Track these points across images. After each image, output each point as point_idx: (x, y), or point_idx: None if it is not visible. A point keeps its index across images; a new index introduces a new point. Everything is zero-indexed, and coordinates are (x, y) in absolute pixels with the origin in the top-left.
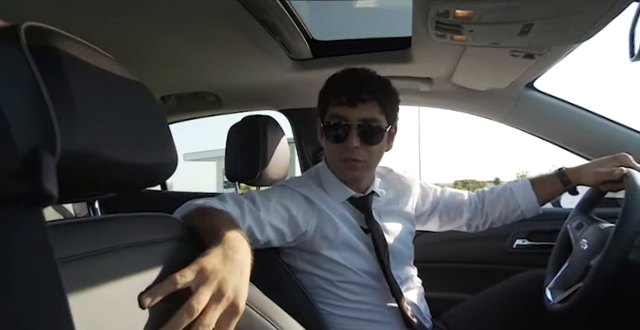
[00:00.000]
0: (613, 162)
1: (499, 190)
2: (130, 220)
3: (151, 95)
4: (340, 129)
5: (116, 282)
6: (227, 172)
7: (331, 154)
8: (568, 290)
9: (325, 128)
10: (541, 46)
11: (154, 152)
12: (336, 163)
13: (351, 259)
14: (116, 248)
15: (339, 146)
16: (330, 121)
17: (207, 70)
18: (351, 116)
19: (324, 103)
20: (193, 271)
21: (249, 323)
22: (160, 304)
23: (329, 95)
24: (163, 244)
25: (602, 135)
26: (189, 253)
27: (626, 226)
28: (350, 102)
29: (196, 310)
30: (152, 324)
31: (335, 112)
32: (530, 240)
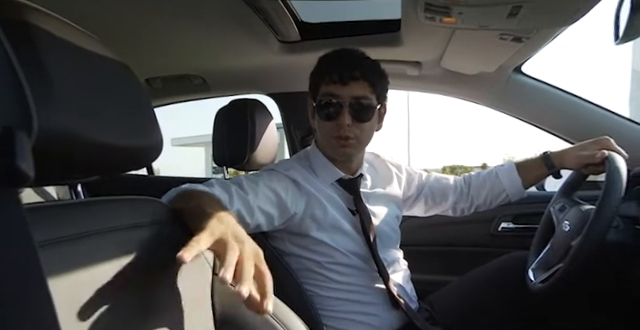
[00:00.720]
0: (595, 146)
1: (485, 174)
2: (114, 203)
3: (134, 76)
4: (332, 107)
5: (100, 265)
6: (215, 156)
7: (323, 133)
8: (549, 270)
9: (317, 107)
10: (529, 29)
11: (138, 134)
12: (328, 141)
13: (339, 240)
14: (100, 231)
15: (331, 124)
16: (322, 99)
17: (193, 52)
18: (343, 94)
19: (316, 83)
20: (207, 234)
21: (237, 306)
22: (141, 289)
23: (321, 74)
24: (148, 227)
25: (585, 119)
26: (174, 237)
27: (605, 208)
28: (342, 80)
29: (237, 249)
30: (135, 307)
31: (327, 90)
32: (515, 223)
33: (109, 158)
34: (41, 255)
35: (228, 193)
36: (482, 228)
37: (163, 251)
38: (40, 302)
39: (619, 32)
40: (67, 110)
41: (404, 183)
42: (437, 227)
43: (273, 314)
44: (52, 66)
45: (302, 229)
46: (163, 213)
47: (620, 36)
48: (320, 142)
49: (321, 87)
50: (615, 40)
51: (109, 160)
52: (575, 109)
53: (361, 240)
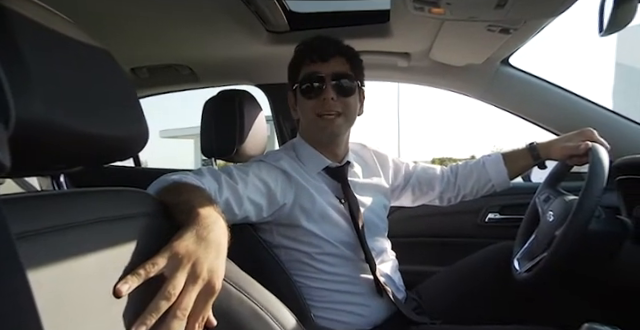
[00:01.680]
0: (579, 137)
1: (472, 164)
2: (99, 194)
3: (117, 63)
4: (315, 83)
5: (84, 257)
6: (203, 148)
7: (308, 114)
8: (534, 260)
9: (300, 87)
10: (517, 20)
11: (122, 124)
12: (314, 122)
13: (328, 230)
14: (84, 223)
15: (315, 102)
16: (304, 79)
17: (180, 42)
18: (324, 70)
19: (295, 69)
20: (165, 257)
21: (226, 298)
22: None
23: (299, 59)
24: (134, 219)
25: (571, 111)
26: (161, 229)
27: (588, 198)
28: (322, 58)
29: (173, 295)
30: (121, 300)
31: (308, 70)
32: (502, 214)
33: (92, 148)
34: (22, 246)
35: (218, 182)
36: (470, 219)
37: (150, 243)
38: (18, 294)
39: (603, 24)
40: (46, 98)
41: (391, 173)
42: (425, 218)
43: (262, 305)
44: (29, 53)
45: (291, 220)
46: (150, 205)
47: (604, 28)
48: (305, 128)
49: (301, 70)
50: (600, 32)
51: (92, 150)
52: (561, 101)
53: (349, 229)
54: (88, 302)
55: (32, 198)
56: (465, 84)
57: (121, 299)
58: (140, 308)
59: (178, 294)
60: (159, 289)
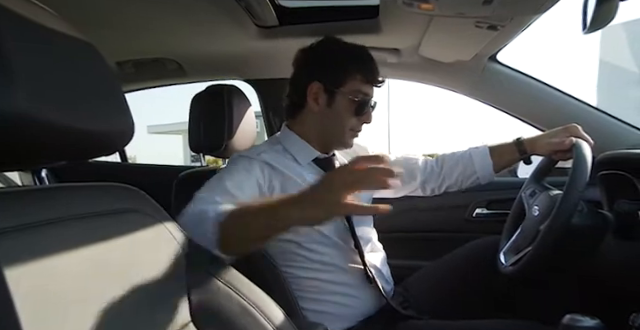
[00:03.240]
0: (564, 133)
1: (459, 155)
2: (82, 190)
3: (100, 56)
4: (365, 105)
5: (67, 254)
6: (191, 143)
7: (345, 126)
8: (519, 254)
9: (351, 101)
10: (503, 17)
11: (106, 119)
12: (345, 134)
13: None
14: (67, 218)
15: (358, 120)
16: (357, 96)
17: (167, 35)
18: (371, 94)
19: (346, 73)
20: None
21: (214, 294)
22: (112, 278)
23: (356, 68)
24: (119, 215)
25: (556, 107)
26: (147, 225)
27: (571, 193)
28: (374, 82)
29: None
30: (105, 297)
31: (360, 88)
32: (489, 209)
33: (75, 143)
34: (1, 244)
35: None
36: (457, 214)
37: (136, 240)
38: None
39: (587, 22)
40: (28, 92)
41: None
42: (413, 213)
43: (250, 301)
44: (11, 45)
45: None
46: (136, 201)
47: (588, 25)
48: (320, 129)
49: (350, 81)
50: (583, 29)
51: (75, 145)
52: (546, 98)
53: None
54: (69, 299)
55: (13, 193)
56: (453, 80)
57: (103, 297)
58: (121, 306)
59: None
60: (141, 289)
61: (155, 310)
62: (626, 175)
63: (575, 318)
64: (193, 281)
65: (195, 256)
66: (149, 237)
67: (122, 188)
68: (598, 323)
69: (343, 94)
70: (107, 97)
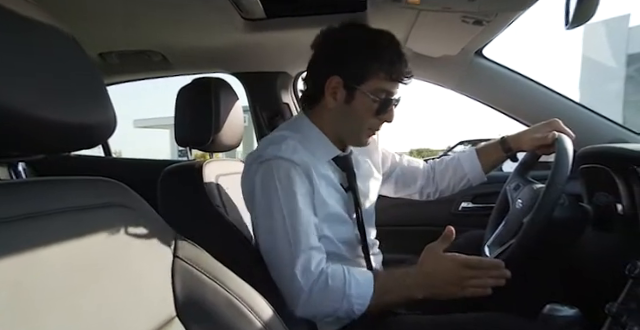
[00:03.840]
0: (546, 127)
1: (448, 160)
2: (63, 183)
3: (79, 47)
4: (388, 104)
5: (47, 248)
6: (177, 137)
7: (364, 124)
8: (503, 246)
9: (372, 99)
10: (489, 12)
11: (86, 111)
12: (363, 131)
13: (336, 229)
14: (47, 213)
15: (376, 118)
16: (379, 95)
17: (151, 26)
18: (395, 93)
19: (369, 70)
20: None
21: (200, 288)
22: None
23: (380, 64)
24: (102, 209)
25: (540, 102)
26: (131, 220)
27: (553, 186)
28: (398, 80)
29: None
30: (88, 292)
31: (387, 87)
32: (474, 202)
33: (53, 135)
34: None
35: (316, 247)
36: (444, 208)
37: (120, 234)
38: None
39: (569, 18)
40: (3, 83)
41: (380, 162)
42: (401, 208)
43: (237, 295)
44: None
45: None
46: (121, 195)
47: (570, 21)
48: (338, 125)
49: (373, 79)
50: (566, 25)
51: (53, 138)
52: (531, 93)
53: (352, 224)
54: (51, 293)
55: None
56: (441, 75)
57: (84, 292)
58: (104, 302)
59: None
60: (125, 284)
61: (139, 305)
62: (605, 169)
63: (555, 308)
64: (179, 276)
65: (180, 251)
66: (133, 232)
67: (104, 182)
68: (576, 312)
69: (364, 92)
70: (87, 88)
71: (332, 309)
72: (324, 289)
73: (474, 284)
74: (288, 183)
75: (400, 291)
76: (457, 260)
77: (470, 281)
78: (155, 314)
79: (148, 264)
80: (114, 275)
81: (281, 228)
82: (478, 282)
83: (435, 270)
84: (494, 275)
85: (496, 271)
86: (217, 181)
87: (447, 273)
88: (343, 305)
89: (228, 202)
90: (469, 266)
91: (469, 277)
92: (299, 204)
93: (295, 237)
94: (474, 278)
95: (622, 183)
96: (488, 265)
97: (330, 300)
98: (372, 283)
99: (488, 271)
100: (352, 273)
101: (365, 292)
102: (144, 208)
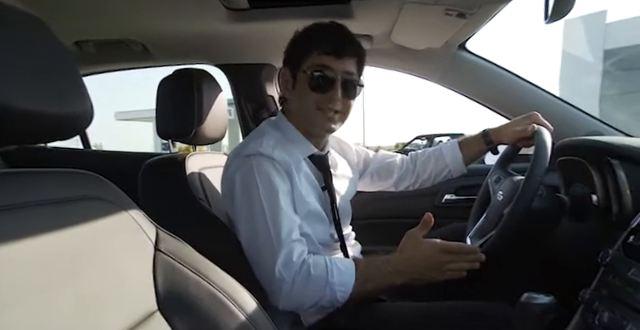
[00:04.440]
0: (526, 120)
1: (430, 151)
2: (39, 176)
3: (51, 33)
4: (325, 79)
5: (23, 242)
6: (158, 129)
7: (309, 104)
8: (484, 237)
9: (309, 77)
10: (472, 5)
11: (59, 99)
12: (314, 113)
13: (316, 228)
14: (23, 205)
15: (321, 96)
16: (315, 70)
17: (130, 15)
18: (336, 67)
19: (303, 51)
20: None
21: (183, 282)
22: (74, 267)
23: (311, 44)
24: (79, 202)
25: (521, 96)
26: (109, 213)
27: (532, 178)
28: (337, 53)
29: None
30: (67, 286)
31: (320, 61)
32: (457, 195)
33: (23, 125)
34: None
35: (299, 242)
36: (427, 200)
37: (97, 228)
38: None
39: (548, 12)
40: None
41: (355, 160)
42: (386, 201)
43: (220, 288)
44: None
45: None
46: (98, 187)
47: (549, 16)
48: (297, 115)
49: (311, 57)
50: (545, 19)
51: (23, 127)
52: (512, 86)
53: (329, 223)
54: (25, 288)
55: None
56: (425, 68)
57: (63, 286)
58: (81, 297)
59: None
60: (103, 278)
61: (119, 299)
62: (581, 161)
63: (531, 296)
64: (160, 269)
65: (162, 244)
66: (111, 225)
67: (81, 174)
68: (551, 299)
69: (303, 71)
70: (61, 77)
71: (316, 298)
72: (307, 278)
73: (451, 268)
74: (268, 179)
75: (381, 278)
76: (436, 246)
77: (448, 265)
78: (136, 308)
79: (128, 258)
80: (93, 269)
81: (262, 223)
82: (455, 266)
83: (415, 256)
84: (470, 259)
85: (472, 255)
86: (200, 174)
87: (427, 259)
88: (326, 293)
89: (212, 195)
90: (447, 251)
91: (447, 262)
92: (280, 199)
93: (276, 231)
94: (452, 262)
95: (597, 174)
96: (465, 250)
97: (313, 289)
98: (354, 271)
99: (465, 256)
100: (334, 262)
101: (347, 280)
102: (123, 201)
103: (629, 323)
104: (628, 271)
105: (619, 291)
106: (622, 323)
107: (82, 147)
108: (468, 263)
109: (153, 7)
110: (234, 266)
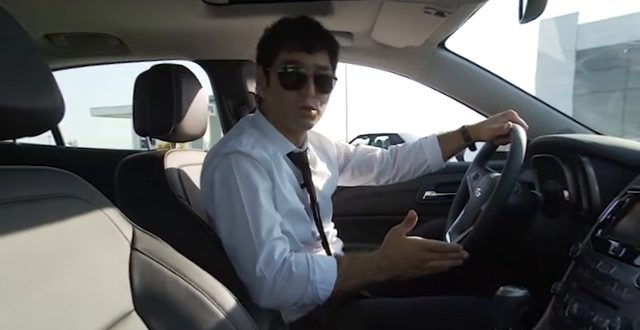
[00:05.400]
0: (502, 118)
1: (410, 146)
2: (8, 173)
3: (14, 23)
4: (297, 76)
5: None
6: (136, 126)
7: (283, 102)
8: (463, 233)
9: (280, 74)
10: (450, 3)
11: (25, 94)
12: (289, 111)
13: (298, 228)
14: None
15: (294, 93)
16: (286, 67)
17: (104, 7)
18: (308, 63)
19: (273, 48)
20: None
21: (161, 281)
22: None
23: (281, 40)
24: (51, 200)
25: (498, 94)
26: (81, 211)
27: (508, 175)
28: (307, 48)
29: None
30: (40, 286)
31: (291, 58)
32: (437, 191)
33: None
34: None
35: (281, 239)
36: (408, 197)
37: (70, 226)
38: None
39: (522, 12)
40: None
41: (336, 156)
42: (368, 198)
43: (198, 286)
44: None
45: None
46: (67, 185)
47: (523, 16)
48: (273, 112)
49: (281, 54)
50: (520, 19)
51: None
52: (490, 85)
53: (310, 220)
54: None
55: None
56: (405, 66)
57: (35, 286)
58: (56, 297)
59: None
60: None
61: (93, 300)
62: (554, 158)
63: (507, 289)
64: (137, 269)
65: (139, 243)
66: (85, 224)
67: (52, 172)
68: (525, 292)
69: (275, 70)
70: (27, 71)
71: (297, 296)
72: (288, 277)
73: (433, 265)
74: (248, 177)
75: (364, 275)
76: (419, 244)
77: (430, 263)
78: (110, 308)
79: (103, 257)
80: (65, 269)
81: (242, 221)
82: (437, 263)
83: (398, 254)
84: (452, 257)
85: (455, 253)
86: (180, 171)
87: (409, 257)
88: (308, 291)
89: (191, 193)
90: (430, 249)
91: (430, 259)
92: (260, 197)
93: (257, 230)
94: (434, 260)
95: (568, 171)
96: (448, 248)
97: (295, 287)
98: (336, 268)
99: (447, 254)
100: (315, 259)
101: (329, 278)
102: (98, 199)
103: (596, 314)
104: (596, 264)
105: (588, 283)
106: (590, 314)
107: (55, 144)
108: (450, 261)
109: (130, 0)
110: (214, 264)
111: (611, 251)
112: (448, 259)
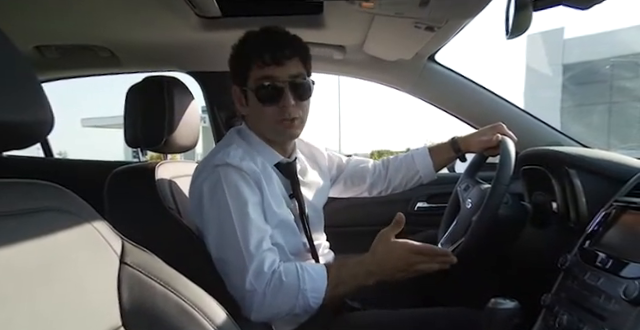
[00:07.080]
0: (492, 131)
1: (402, 157)
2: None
3: (4, 36)
4: (272, 90)
5: None
6: (127, 138)
7: (264, 118)
8: (455, 244)
9: (256, 91)
10: (439, 19)
11: (14, 106)
12: (272, 126)
13: (289, 239)
14: None
15: (274, 108)
16: (260, 84)
17: (96, 19)
18: (280, 75)
19: (243, 66)
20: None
21: (150, 296)
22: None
23: (248, 57)
24: (40, 214)
25: (486, 106)
26: (70, 224)
27: (498, 186)
28: (276, 61)
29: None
30: (28, 299)
31: (262, 74)
32: (429, 202)
33: None
34: None
35: (271, 250)
36: (400, 208)
37: (57, 241)
38: None
39: (509, 28)
40: None
41: (327, 167)
42: (360, 208)
43: (189, 300)
44: None
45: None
46: (55, 198)
47: (510, 32)
48: (257, 126)
49: (252, 72)
50: (506, 35)
51: None
52: (479, 98)
53: (299, 232)
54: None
55: None
56: (396, 78)
57: (19, 301)
58: (40, 312)
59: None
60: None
61: (79, 315)
62: (543, 170)
63: (497, 301)
64: (125, 283)
65: (128, 257)
66: (73, 238)
67: (40, 185)
68: (516, 304)
69: (250, 88)
70: (15, 83)
71: (288, 307)
72: (279, 287)
73: (420, 268)
74: (237, 190)
75: (353, 280)
76: (408, 247)
77: (417, 266)
78: (98, 324)
79: (91, 271)
80: (52, 284)
81: (231, 234)
82: (424, 266)
83: (387, 257)
84: (440, 261)
85: (443, 257)
86: (171, 183)
87: (398, 261)
88: (299, 301)
89: (182, 204)
90: (419, 252)
91: (418, 262)
92: (249, 210)
93: (246, 242)
94: (422, 263)
95: (556, 183)
96: (438, 252)
97: (285, 298)
98: (325, 276)
99: (435, 257)
100: (305, 268)
101: (319, 286)
102: (86, 212)
103: (585, 325)
104: (584, 275)
105: (576, 295)
106: (579, 325)
107: (43, 155)
108: (438, 264)
109: (121, 13)
110: (205, 277)
111: (598, 262)
112: (436, 262)
